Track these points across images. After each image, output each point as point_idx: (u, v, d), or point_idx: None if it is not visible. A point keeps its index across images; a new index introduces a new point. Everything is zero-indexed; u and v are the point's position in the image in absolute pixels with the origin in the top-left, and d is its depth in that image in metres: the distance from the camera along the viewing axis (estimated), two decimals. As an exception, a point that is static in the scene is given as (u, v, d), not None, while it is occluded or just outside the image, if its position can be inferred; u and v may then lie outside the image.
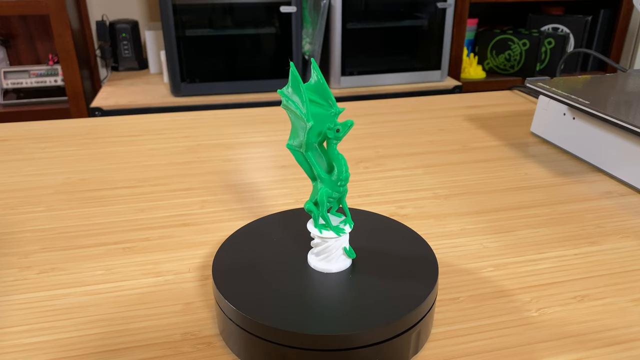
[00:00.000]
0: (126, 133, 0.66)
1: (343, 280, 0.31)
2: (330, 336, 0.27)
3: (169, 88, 1.60)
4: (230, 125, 0.69)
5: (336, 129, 0.29)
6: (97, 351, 0.31)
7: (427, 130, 0.68)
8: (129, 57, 1.81)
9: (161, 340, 0.32)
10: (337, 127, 0.29)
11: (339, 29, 1.62)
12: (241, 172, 0.55)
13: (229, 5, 1.58)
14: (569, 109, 0.58)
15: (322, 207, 0.31)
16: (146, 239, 0.43)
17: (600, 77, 0.67)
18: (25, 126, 0.69)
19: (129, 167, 0.56)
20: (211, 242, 0.42)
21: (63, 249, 0.41)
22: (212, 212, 0.47)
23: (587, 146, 0.56)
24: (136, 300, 0.35)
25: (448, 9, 1.69)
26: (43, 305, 0.35)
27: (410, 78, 1.75)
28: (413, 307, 0.28)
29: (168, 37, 1.50)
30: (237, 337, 0.30)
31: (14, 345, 0.31)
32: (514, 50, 1.97)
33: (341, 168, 0.30)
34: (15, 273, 0.38)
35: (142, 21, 1.90)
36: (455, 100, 0.80)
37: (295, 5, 1.55)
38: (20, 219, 0.46)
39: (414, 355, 0.30)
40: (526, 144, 0.62)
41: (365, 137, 0.65)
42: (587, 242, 0.42)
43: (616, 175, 0.53)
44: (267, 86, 1.62)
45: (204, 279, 0.37)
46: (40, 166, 0.57)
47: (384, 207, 0.47)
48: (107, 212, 0.47)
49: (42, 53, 1.86)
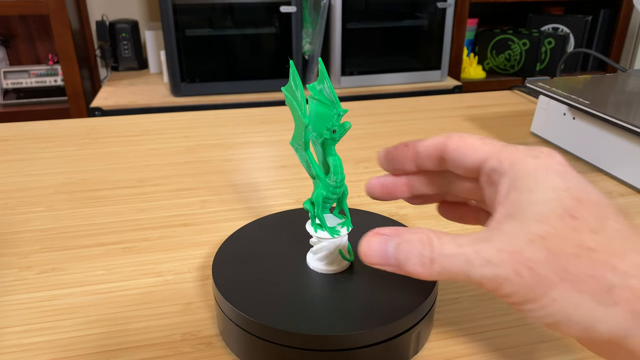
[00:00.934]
0: (126, 133, 0.66)
1: (343, 280, 0.31)
2: (330, 336, 0.27)
3: (169, 88, 1.60)
4: (230, 125, 0.69)
5: (332, 130, 0.29)
6: (97, 351, 0.31)
7: (427, 130, 0.68)
8: (129, 57, 1.81)
9: (161, 341, 0.32)
10: (334, 127, 0.29)
11: (339, 29, 1.62)
12: (241, 172, 0.55)
13: (229, 5, 1.58)
14: (569, 109, 0.58)
15: (317, 207, 0.31)
16: (146, 239, 0.42)
17: (600, 77, 0.67)
18: (25, 126, 0.69)
19: (128, 167, 0.56)
20: (211, 242, 0.42)
21: (63, 249, 0.41)
22: (212, 212, 0.47)
23: (587, 146, 0.56)
24: (136, 300, 0.35)
25: (448, 8, 1.69)
26: (43, 305, 0.35)
27: (410, 78, 1.75)
28: (413, 307, 0.28)
29: (168, 37, 1.50)
30: (237, 337, 0.30)
31: (14, 345, 0.31)
32: (514, 50, 1.97)
33: (335, 169, 0.30)
34: (15, 273, 0.38)
35: (142, 21, 1.90)
36: (455, 100, 0.80)
37: (295, 5, 1.55)
38: (20, 219, 0.46)
39: (414, 356, 0.30)
40: (526, 144, 0.62)
41: (365, 137, 0.65)
42: (587, 242, 0.42)
43: (616, 175, 0.53)
44: (267, 86, 1.62)
45: (204, 279, 0.37)
46: (40, 166, 0.57)
47: (384, 207, 0.47)
48: (107, 212, 0.47)
49: (42, 53, 1.86)
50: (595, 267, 0.21)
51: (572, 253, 0.21)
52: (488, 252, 0.22)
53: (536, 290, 0.22)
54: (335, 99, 0.29)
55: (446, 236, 0.24)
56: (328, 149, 0.30)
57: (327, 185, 0.31)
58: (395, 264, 0.25)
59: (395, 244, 0.24)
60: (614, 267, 0.21)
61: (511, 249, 0.22)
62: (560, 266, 0.21)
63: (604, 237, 0.22)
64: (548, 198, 0.22)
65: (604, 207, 0.23)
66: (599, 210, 0.23)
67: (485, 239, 0.23)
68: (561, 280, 0.21)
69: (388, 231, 0.25)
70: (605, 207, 0.23)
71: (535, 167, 0.24)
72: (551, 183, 0.23)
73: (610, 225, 0.22)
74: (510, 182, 0.24)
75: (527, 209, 0.23)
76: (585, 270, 0.21)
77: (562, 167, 0.24)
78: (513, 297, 0.22)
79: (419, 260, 0.24)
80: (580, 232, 0.22)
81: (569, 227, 0.22)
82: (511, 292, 0.22)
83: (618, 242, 0.22)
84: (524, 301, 0.22)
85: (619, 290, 0.21)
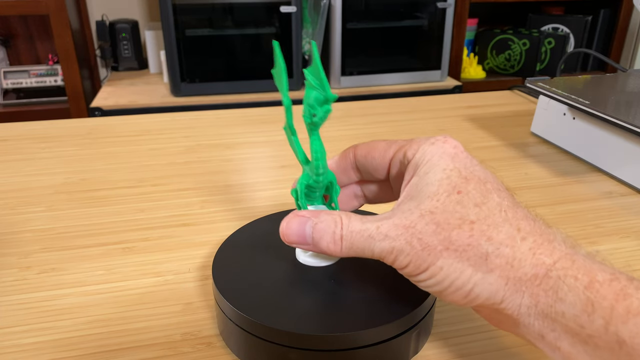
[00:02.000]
0: (126, 133, 0.66)
1: (344, 281, 0.31)
2: (330, 336, 0.27)
3: (169, 88, 1.60)
4: (230, 125, 0.69)
5: (313, 114, 0.27)
6: (97, 351, 0.31)
7: (427, 130, 0.68)
8: (129, 57, 1.81)
9: (161, 341, 0.32)
10: (314, 111, 0.27)
11: (339, 29, 1.62)
12: (241, 172, 0.55)
13: (229, 5, 1.58)
14: (569, 109, 0.58)
15: (300, 195, 0.30)
16: (146, 239, 0.42)
17: (600, 77, 0.67)
18: (25, 126, 0.69)
19: (128, 167, 0.56)
20: (211, 242, 0.42)
21: (63, 249, 0.41)
22: (212, 212, 0.47)
23: (587, 146, 0.56)
24: (136, 300, 0.35)
25: (448, 8, 1.69)
26: (43, 305, 0.35)
27: (410, 78, 1.75)
28: (413, 307, 0.28)
29: (168, 37, 1.50)
30: (237, 337, 0.29)
31: (14, 346, 0.31)
32: (514, 50, 1.97)
33: (315, 155, 0.29)
34: (15, 273, 0.38)
35: (142, 21, 1.90)
36: (455, 100, 0.80)
37: (295, 5, 1.55)
38: (20, 219, 0.46)
39: (414, 356, 0.30)
40: (526, 144, 0.62)
41: (365, 137, 0.65)
42: (587, 242, 0.42)
43: (616, 176, 0.53)
44: (267, 86, 1.62)
45: (204, 279, 0.37)
46: (40, 166, 0.57)
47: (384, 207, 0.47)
48: (107, 212, 0.47)
49: (42, 53, 1.86)
50: (473, 237, 0.23)
51: (455, 224, 0.24)
52: (386, 227, 0.25)
53: (426, 260, 0.24)
54: (324, 82, 0.27)
55: (355, 216, 0.26)
56: (310, 134, 0.29)
57: (309, 172, 0.30)
58: (311, 243, 0.27)
59: (312, 224, 0.27)
60: (490, 237, 0.23)
61: (405, 223, 0.24)
62: (444, 236, 0.24)
63: (485, 210, 0.24)
64: (439, 178, 0.25)
65: (489, 184, 0.25)
66: (484, 186, 0.25)
67: (386, 217, 0.25)
68: (445, 249, 0.24)
69: (307, 213, 0.27)
70: (490, 183, 0.25)
71: (431, 152, 0.26)
72: (443, 165, 0.25)
73: (492, 199, 0.24)
74: (412, 169, 0.27)
75: (422, 190, 0.25)
76: (465, 240, 0.23)
77: (455, 150, 0.26)
78: (408, 268, 0.25)
79: (331, 237, 0.26)
80: (464, 206, 0.24)
81: (455, 202, 0.24)
82: (406, 263, 0.24)
83: (497, 215, 0.24)
84: (417, 271, 0.24)
85: (493, 258, 0.23)
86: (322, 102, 0.27)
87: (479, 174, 0.25)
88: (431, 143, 0.27)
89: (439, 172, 0.25)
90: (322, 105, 0.27)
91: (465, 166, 0.25)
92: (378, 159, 0.29)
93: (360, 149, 0.30)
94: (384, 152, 0.29)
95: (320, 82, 0.27)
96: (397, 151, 0.28)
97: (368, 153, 0.30)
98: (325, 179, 0.30)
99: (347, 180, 0.32)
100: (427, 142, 0.27)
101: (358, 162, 0.30)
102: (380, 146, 0.29)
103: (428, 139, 0.27)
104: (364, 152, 0.30)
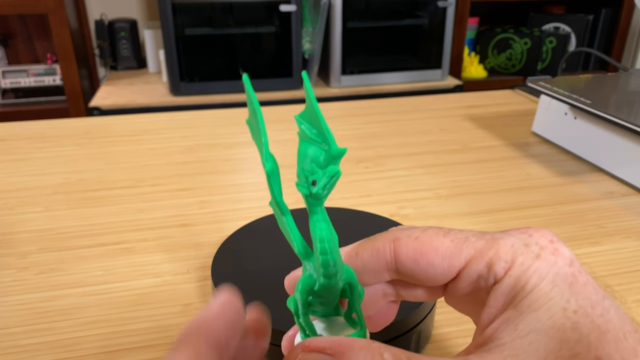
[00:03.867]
0: (125, 133, 0.66)
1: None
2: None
3: (168, 87, 1.60)
4: (229, 125, 0.69)
5: (312, 182, 0.18)
6: (95, 352, 0.31)
7: (428, 129, 0.67)
8: (128, 56, 1.81)
9: (160, 342, 0.31)
10: (313, 177, 0.18)
11: (339, 28, 1.62)
12: (240, 172, 0.55)
13: (228, 4, 1.57)
14: (570, 109, 0.58)
15: (301, 307, 0.20)
16: (145, 239, 0.42)
17: (601, 77, 0.67)
18: (23, 126, 0.69)
19: (127, 167, 0.56)
20: (210, 242, 0.42)
21: (61, 250, 0.41)
22: (211, 212, 0.46)
23: (588, 146, 0.56)
24: (135, 301, 0.35)
25: (449, 7, 1.69)
26: (41, 306, 0.35)
27: (411, 77, 1.75)
28: (414, 308, 0.28)
29: (167, 36, 1.49)
30: (236, 338, 0.29)
31: (13, 346, 0.31)
32: (515, 49, 1.97)
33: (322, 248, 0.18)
34: (14, 274, 0.38)
35: (141, 20, 1.90)
36: (456, 99, 0.80)
37: (295, 4, 1.55)
38: (18, 220, 0.45)
39: (415, 357, 0.30)
40: (527, 143, 0.62)
41: (365, 137, 0.65)
42: (588, 243, 0.42)
43: (618, 176, 0.52)
44: (266, 85, 1.62)
45: (203, 280, 0.37)
46: (39, 166, 0.56)
47: (385, 207, 0.47)
48: (106, 212, 0.46)
49: (40, 52, 1.85)
50: None
51: None
52: None
53: None
54: (326, 131, 0.18)
55: (403, 354, 0.17)
56: (311, 211, 0.19)
57: (313, 271, 0.19)
58: None
59: None
60: None
61: None
62: None
63: None
64: (559, 326, 0.17)
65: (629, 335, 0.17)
66: (626, 342, 0.17)
67: None
68: None
69: (326, 345, 0.18)
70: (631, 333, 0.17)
71: (538, 274, 0.18)
72: (561, 302, 0.17)
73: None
74: (503, 295, 0.18)
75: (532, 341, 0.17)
76: None
77: (571, 268, 0.18)
78: None
79: None
80: None
81: None
82: None
83: None
84: None
85: None
86: (326, 162, 0.18)
87: (614, 319, 0.17)
88: (535, 255, 0.18)
89: (557, 312, 0.17)
90: (326, 166, 0.18)
91: (593, 304, 0.17)
92: (439, 268, 0.19)
93: (406, 247, 0.20)
94: (449, 259, 0.19)
95: (320, 131, 0.18)
96: (472, 259, 0.19)
97: (422, 256, 0.20)
98: (338, 282, 0.19)
99: (374, 280, 0.21)
100: (527, 251, 0.18)
101: (401, 264, 0.20)
102: (442, 247, 0.19)
103: (522, 240, 0.18)
104: (414, 253, 0.20)
